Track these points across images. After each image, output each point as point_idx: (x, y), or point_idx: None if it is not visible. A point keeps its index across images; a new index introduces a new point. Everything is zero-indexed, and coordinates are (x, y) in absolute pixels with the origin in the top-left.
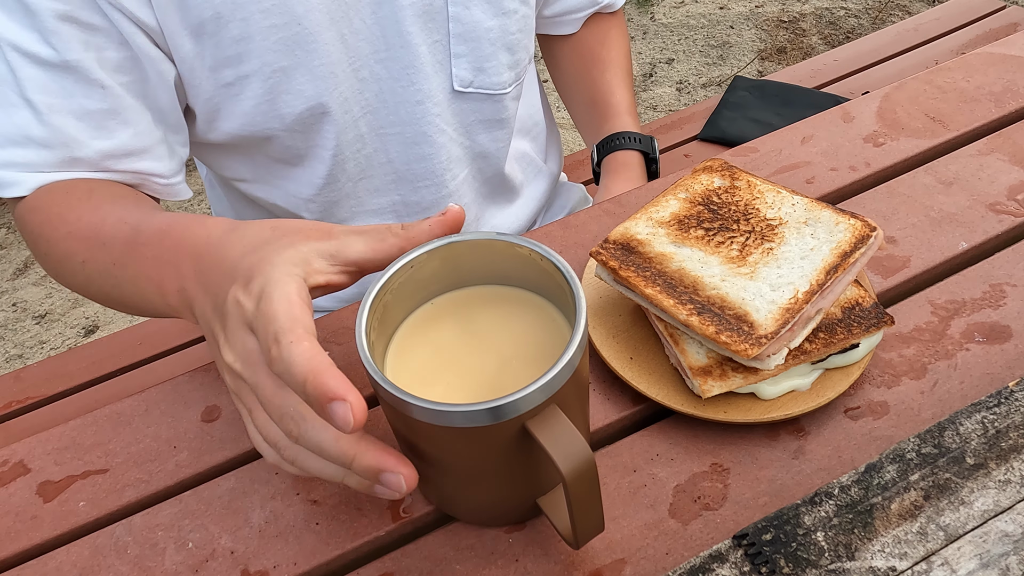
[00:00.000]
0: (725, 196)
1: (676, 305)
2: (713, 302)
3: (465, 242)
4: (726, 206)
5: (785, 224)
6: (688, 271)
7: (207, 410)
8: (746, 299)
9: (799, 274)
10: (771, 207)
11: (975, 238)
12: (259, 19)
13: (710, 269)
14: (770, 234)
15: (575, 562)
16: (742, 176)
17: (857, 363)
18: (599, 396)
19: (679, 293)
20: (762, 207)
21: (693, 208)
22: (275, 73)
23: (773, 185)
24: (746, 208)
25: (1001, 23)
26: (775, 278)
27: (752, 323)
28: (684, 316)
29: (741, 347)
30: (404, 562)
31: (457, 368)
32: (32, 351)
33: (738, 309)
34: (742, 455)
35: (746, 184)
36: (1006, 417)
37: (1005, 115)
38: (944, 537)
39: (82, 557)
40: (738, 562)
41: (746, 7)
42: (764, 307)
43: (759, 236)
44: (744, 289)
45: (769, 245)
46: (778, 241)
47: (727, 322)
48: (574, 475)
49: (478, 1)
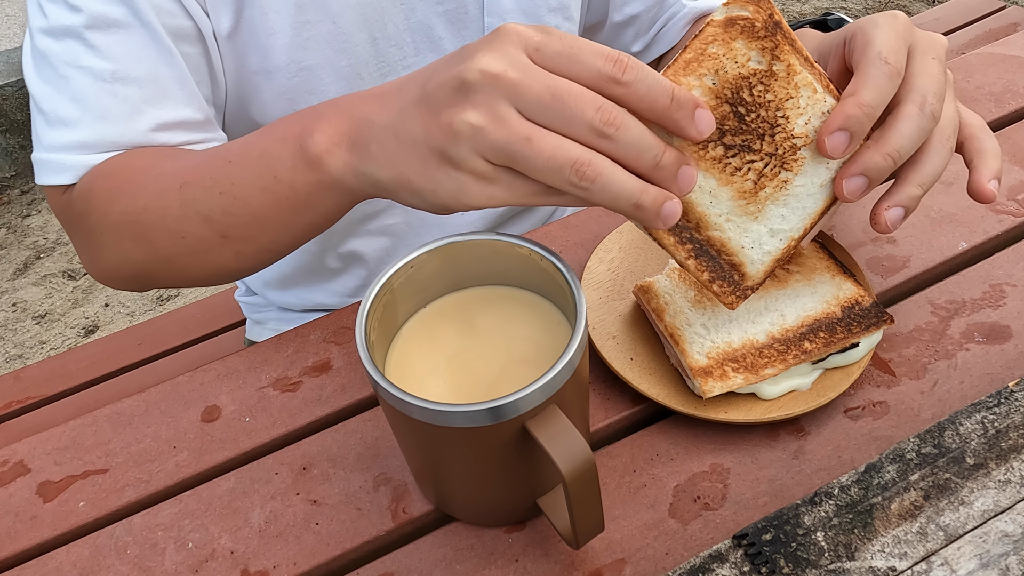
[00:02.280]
0: (758, 90)
1: (676, 244)
2: (713, 244)
3: (465, 242)
4: (756, 109)
5: (808, 144)
6: (695, 205)
7: (207, 410)
8: (744, 247)
9: (800, 216)
10: (802, 112)
11: (975, 238)
12: (293, 13)
13: (719, 206)
14: (791, 159)
15: (575, 562)
16: (784, 51)
17: (857, 363)
18: (599, 396)
19: (681, 229)
20: (792, 113)
21: (720, 106)
22: (301, 71)
23: (811, 73)
24: (775, 116)
25: (1001, 23)
26: (778, 221)
27: (744, 274)
28: (682, 257)
29: (729, 299)
30: (404, 562)
31: (457, 368)
32: (32, 351)
33: (735, 257)
34: (742, 455)
35: (785, 71)
36: (1006, 417)
37: (1005, 115)
38: (944, 537)
39: (82, 557)
40: (738, 562)
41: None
42: (759, 259)
43: (779, 161)
44: (745, 233)
45: (786, 175)
46: (796, 169)
47: (721, 269)
48: (574, 475)
49: (515, 13)
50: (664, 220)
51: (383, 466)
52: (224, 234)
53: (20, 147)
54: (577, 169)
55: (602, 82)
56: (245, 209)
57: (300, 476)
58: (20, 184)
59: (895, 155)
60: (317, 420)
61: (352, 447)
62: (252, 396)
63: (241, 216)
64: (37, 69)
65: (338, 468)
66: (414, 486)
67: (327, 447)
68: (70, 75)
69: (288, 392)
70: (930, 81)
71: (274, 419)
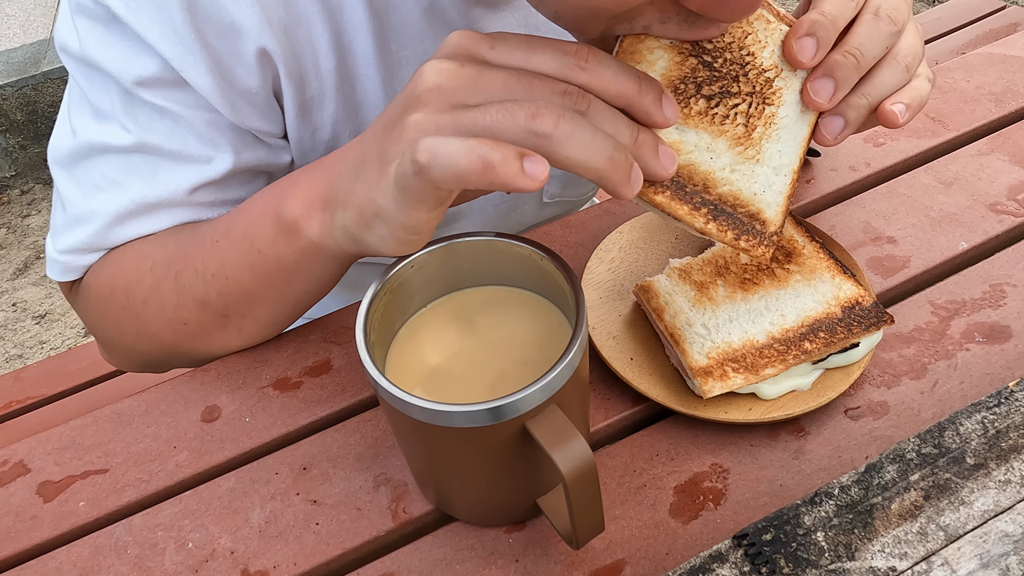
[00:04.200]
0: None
1: (692, 212)
2: (726, 200)
3: (465, 242)
4: (720, 54)
5: (780, 75)
6: (697, 166)
7: (207, 410)
8: (757, 193)
9: (793, 147)
10: (764, 45)
11: (975, 238)
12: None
13: (719, 159)
14: (769, 94)
15: (575, 562)
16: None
17: (857, 363)
18: (599, 396)
19: (691, 195)
20: (756, 48)
21: (685, 60)
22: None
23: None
24: (741, 55)
25: (1001, 23)
26: (777, 157)
27: (764, 221)
28: (701, 224)
29: (759, 251)
30: (404, 562)
31: (457, 368)
32: (32, 351)
33: (751, 206)
34: (742, 455)
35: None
36: (1006, 417)
37: (1005, 115)
38: (944, 537)
39: (82, 557)
40: (738, 562)
41: None
42: (773, 200)
43: (760, 98)
44: (753, 179)
45: (770, 110)
46: (777, 101)
47: (741, 223)
48: (574, 475)
49: None
50: (633, 184)
51: (383, 466)
52: (224, 313)
53: (20, 147)
54: (533, 114)
55: (566, 69)
56: (239, 288)
57: (300, 476)
58: (20, 184)
59: (855, 52)
60: (317, 420)
61: (352, 447)
62: (252, 396)
63: (236, 295)
64: (69, 169)
65: (338, 468)
66: (414, 486)
67: (327, 447)
68: (105, 188)
69: (288, 392)
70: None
71: (274, 419)
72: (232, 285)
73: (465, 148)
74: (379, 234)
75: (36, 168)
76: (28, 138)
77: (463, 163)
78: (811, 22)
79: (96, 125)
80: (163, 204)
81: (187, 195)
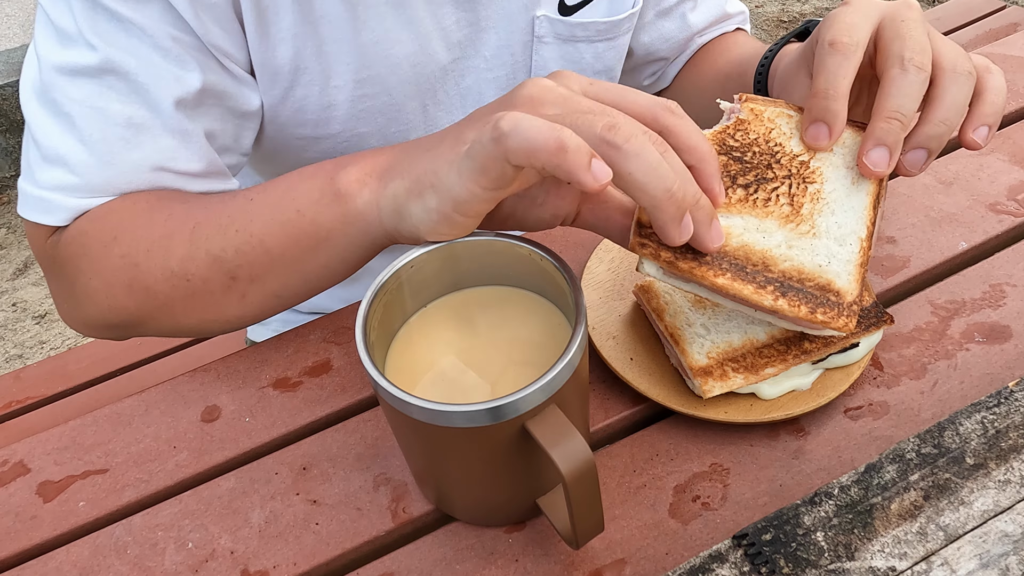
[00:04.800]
0: (740, 135)
1: (757, 291)
2: (790, 276)
3: (465, 242)
4: (748, 148)
5: (815, 156)
6: (752, 246)
7: (207, 410)
8: (822, 265)
9: (855, 217)
10: (789, 136)
11: (975, 238)
12: (351, 88)
13: (772, 237)
14: (808, 174)
15: (575, 562)
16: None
17: (857, 363)
18: (599, 396)
19: (752, 275)
20: (783, 140)
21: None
22: (351, 137)
23: (775, 104)
24: (768, 146)
25: (1001, 23)
26: (836, 229)
27: (838, 291)
28: (770, 302)
29: (840, 322)
30: (404, 562)
31: (457, 368)
32: (32, 351)
33: (819, 279)
34: (742, 455)
35: (752, 115)
36: (1006, 417)
37: (1005, 115)
38: (944, 537)
39: (82, 557)
40: (738, 562)
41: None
42: (842, 269)
43: (800, 178)
44: (815, 252)
45: (815, 188)
46: (819, 179)
47: (814, 296)
48: (574, 475)
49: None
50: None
51: (383, 466)
52: (233, 275)
53: (20, 147)
54: (610, 126)
55: (656, 108)
56: (260, 247)
57: (300, 476)
58: None
59: (896, 115)
60: (317, 420)
61: (352, 447)
62: (252, 396)
63: (254, 255)
64: (40, 100)
65: (338, 468)
66: (414, 486)
67: (327, 447)
68: (78, 114)
69: (288, 392)
70: (905, 41)
71: (274, 419)
72: (254, 243)
73: (547, 126)
74: (427, 206)
75: None
76: None
77: (541, 138)
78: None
79: (61, 49)
80: (148, 127)
81: (173, 111)
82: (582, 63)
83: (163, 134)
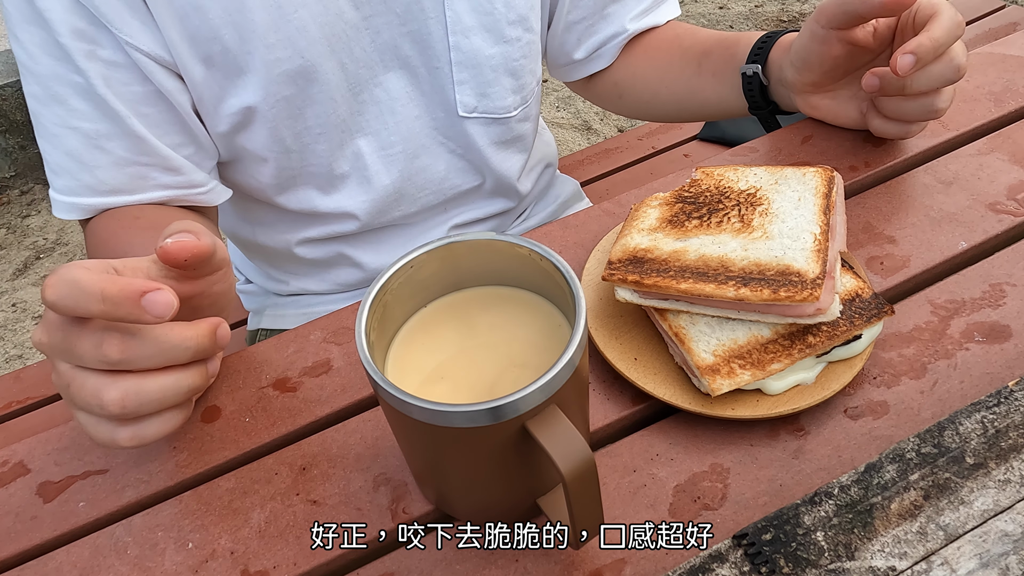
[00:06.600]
0: (692, 189)
1: (719, 287)
2: (750, 271)
3: (465, 242)
4: (700, 195)
5: (760, 189)
6: (709, 255)
7: (207, 410)
8: (778, 256)
9: (805, 221)
10: (737, 181)
11: (975, 238)
12: (263, 53)
13: (727, 246)
14: (755, 201)
15: (575, 562)
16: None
17: (859, 355)
18: (599, 396)
19: (713, 277)
20: (730, 184)
21: (672, 208)
22: (278, 103)
23: (724, 167)
24: (718, 190)
25: (1001, 23)
26: (788, 231)
27: (798, 272)
28: (733, 293)
29: (804, 294)
30: (404, 562)
31: (457, 368)
32: (32, 351)
33: (777, 266)
34: (742, 455)
35: (703, 175)
36: (1006, 417)
37: (1005, 115)
38: (944, 537)
39: (82, 557)
40: (738, 562)
41: (746, 7)
42: (799, 255)
43: (748, 204)
44: (770, 249)
45: (762, 208)
46: (766, 203)
47: (775, 280)
48: (574, 475)
49: (477, 30)
50: (220, 339)
51: (383, 466)
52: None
53: (20, 147)
54: (124, 407)
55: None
56: None
57: (300, 476)
58: (20, 184)
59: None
60: (317, 420)
61: (352, 447)
62: (252, 396)
63: None
64: (35, 124)
65: (338, 468)
66: (414, 486)
67: (327, 447)
68: (60, 134)
69: (288, 392)
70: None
71: (274, 419)
72: None
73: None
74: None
75: (36, 168)
76: (28, 138)
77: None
78: (917, 43)
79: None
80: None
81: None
82: (495, 14)
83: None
